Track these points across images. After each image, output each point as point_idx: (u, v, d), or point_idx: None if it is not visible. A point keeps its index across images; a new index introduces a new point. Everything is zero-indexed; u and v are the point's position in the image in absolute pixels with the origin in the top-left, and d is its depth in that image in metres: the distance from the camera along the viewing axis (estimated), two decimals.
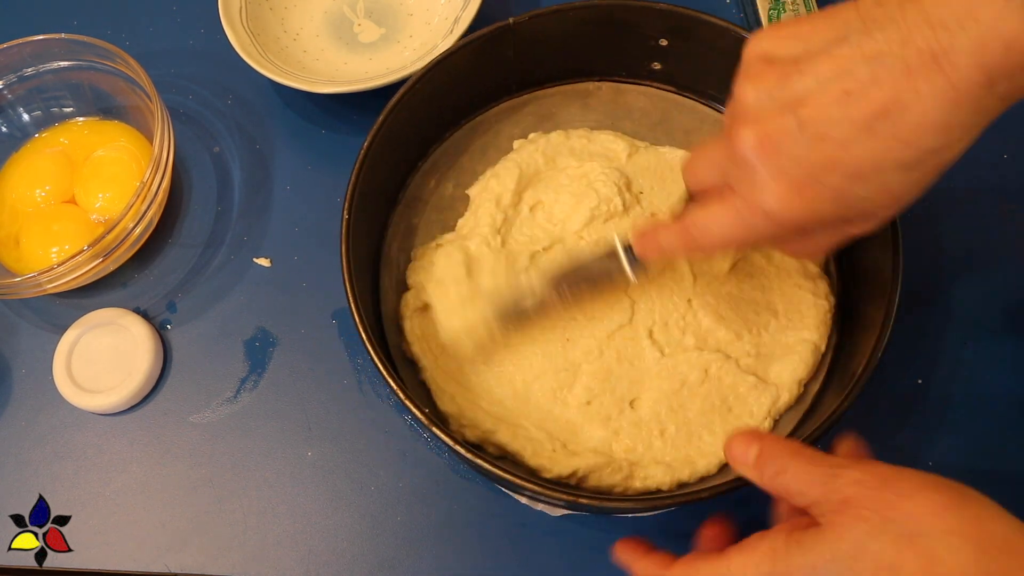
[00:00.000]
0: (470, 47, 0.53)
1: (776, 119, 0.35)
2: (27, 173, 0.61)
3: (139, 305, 0.59)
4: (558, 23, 0.54)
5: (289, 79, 0.60)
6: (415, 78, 0.52)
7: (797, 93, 0.35)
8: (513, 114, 0.59)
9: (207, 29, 0.68)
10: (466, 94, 0.58)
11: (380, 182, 0.54)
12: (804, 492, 0.35)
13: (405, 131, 0.54)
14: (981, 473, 0.52)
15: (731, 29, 0.52)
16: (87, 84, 0.62)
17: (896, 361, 0.55)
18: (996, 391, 0.54)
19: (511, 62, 0.56)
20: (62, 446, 0.56)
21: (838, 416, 0.45)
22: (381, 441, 0.54)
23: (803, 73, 0.35)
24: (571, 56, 0.58)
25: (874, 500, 0.32)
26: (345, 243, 0.48)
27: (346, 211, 0.49)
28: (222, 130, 0.65)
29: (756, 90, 0.36)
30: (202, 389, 0.57)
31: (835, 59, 0.34)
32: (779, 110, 0.35)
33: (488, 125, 0.59)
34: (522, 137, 0.58)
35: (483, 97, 0.59)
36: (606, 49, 0.57)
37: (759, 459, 0.37)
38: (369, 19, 0.69)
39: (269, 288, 0.59)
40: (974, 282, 0.57)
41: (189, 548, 0.53)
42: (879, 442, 0.53)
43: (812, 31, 0.35)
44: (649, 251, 0.46)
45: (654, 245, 0.44)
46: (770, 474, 0.36)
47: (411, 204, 0.58)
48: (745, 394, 0.50)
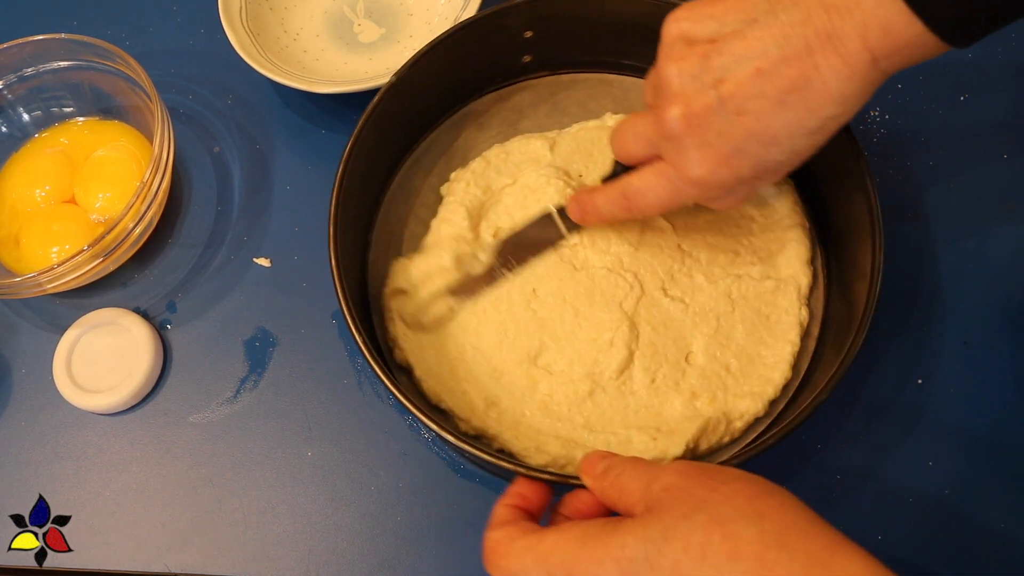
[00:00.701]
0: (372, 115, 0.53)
1: (699, 97, 0.39)
2: (27, 173, 0.61)
3: (139, 305, 0.59)
4: (435, 61, 0.54)
5: (289, 79, 0.60)
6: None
7: (716, 72, 0.39)
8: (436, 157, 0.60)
9: (207, 29, 0.68)
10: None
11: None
12: (633, 490, 0.36)
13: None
14: (981, 473, 0.52)
15: None
16: (87, 84, 0.62)
17: (896, 361, 0.55)
18: (995, 391, 0.54)
19: (398, 115, 0.56)
20: (62, 446, 0.56)
21: (838, 379, 0.45)
22: (381, 441, 0.54)
23: (720, 53, 0.39)
24: (455, 85, 0.59)
25: (688, 491, 0.34)
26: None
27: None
28: (222, 130, 0.65)
29: (679, 70, 0.40)
30: (202, 389, 0.57)
31: (747, 40, 0.38)
32: (701, 88, 0.39)
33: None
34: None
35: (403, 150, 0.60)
36: (479, 65, 0.58)
37: (606, 469, 0.39)
38: (369, 19, 0.69)
39: (269, 288, 0.59)
40: (974, 282, 0.57)
41: (189, 548, 0.53)
42: (879, 442, 0.53)
43: (725, 11, 0.39)
44: (588, 216, 0.50)
45: (592, 210, 0.49)
46: (611, 478, 0.38)
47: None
48: (772, 298, 0.53)
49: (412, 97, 0.55)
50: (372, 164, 0.55)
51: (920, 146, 0.61)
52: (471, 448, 0.44)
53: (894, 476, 0.52)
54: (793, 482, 0.52)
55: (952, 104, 0.62)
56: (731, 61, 0.38)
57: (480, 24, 0.55)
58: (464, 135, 0.60)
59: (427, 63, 0.54)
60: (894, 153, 0.61)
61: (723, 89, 0.39)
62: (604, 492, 0.39)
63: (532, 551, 0.36)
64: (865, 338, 0.46)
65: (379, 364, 0.46)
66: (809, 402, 0.44)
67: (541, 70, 0.61)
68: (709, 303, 0.52)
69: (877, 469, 0.52)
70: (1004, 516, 0.51)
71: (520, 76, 0.61)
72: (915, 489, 0.52)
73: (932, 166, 0.61)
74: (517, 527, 0.38)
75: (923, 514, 0.51)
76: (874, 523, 0.51)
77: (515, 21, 0.56)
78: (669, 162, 0.43)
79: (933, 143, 0.61)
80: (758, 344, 0.52)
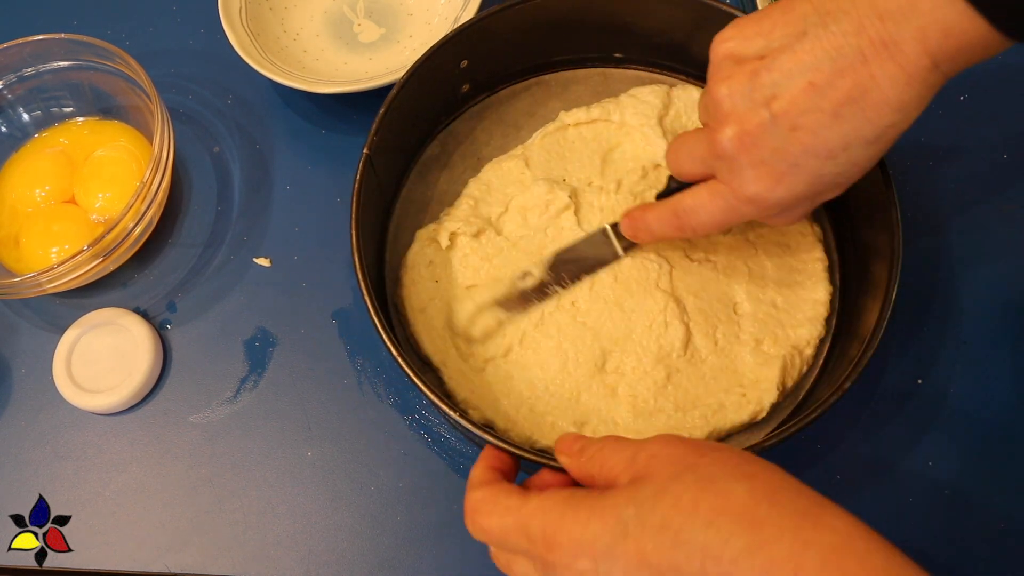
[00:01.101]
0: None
1: (751, 116, 0.39)
2: (27, 173, 0.61)
3: (139, 305, 0.59)
4: (396, 120, 0.54)
5: (289, 79, 0.60)
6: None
7: (768, 90, 0.38)
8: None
9: (207, 29, 0.68)
10: None
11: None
12: (616, 462, 0.37)
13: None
14: (980, 473, 0.52)
15: (521, 4, 0.55)
16: (87, 84, 0.62)
17: (896, 361, 0.55)
18: (995, 391, 0.54)
19: (372, 188, 0.55)
20: (62, 446, 0.56)
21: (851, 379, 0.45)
22: (381, 441, 0.54)
23: (770, 70, 0.38)
24: (409, 139, 0.59)
25: (676, 456, 0.35)
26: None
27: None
28: (222, 130, 0.65)
29: (730, 90, 0.39)
30: (202, 389, 0.57)
31: (797, 54, 0.37)
32: (752, 107, 0.39)
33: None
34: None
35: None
36: (427, 109, 0.58)
37: (583, 447, 0.39)
38: (369, 19, 0.69)
39: (269, 288, 0.59)
40: (974, 282, 0.57)
41: (189, 548, 0.53)
42: (879, 441, 0.53)
43: (772, 26, 0.38)
44: (640, 234, 0.50)
45: (644, 228, 0.49)
46: (590, 454, 0.38)
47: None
48: (785, 227, 0.54)
49: (384, 169, 0.54)
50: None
51: (919, 146, 0.61)
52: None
53: (894, 476, 0.52)
54: None
55: (952, 104, 0.62)
56: (781, 77, 0.38)
57: (422, 69, 0.53)
58: (435, 182, 0.60)
59: (389, 124, 0.53)
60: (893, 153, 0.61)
61: (775, 106, 0.38)
62: (582, 468, 0.39)
63: (514, 513, 0.37)
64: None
65: (405, 362, 0.46)
66: (832, 392, 0.45)
67: (479, 94, 0.61)
68: (733, 253, 0.53)
69: (877, 469, 0.52)
70: (1004, 516, 0.51)
71: (462, 106, 0.61)
72: (915, 489, 0.52)
73: (931, 166, 0.61)
74: (499, 487, 0.39)
75: (923, 514, 0.51)
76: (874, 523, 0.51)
77: (450, 54, 0.55)
78: (723, 181, 0.42)
79: (933, 144, 0.61)
80: (791, 272, 0.53)
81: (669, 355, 0.51)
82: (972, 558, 0.50)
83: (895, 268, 0.47)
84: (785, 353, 0.51)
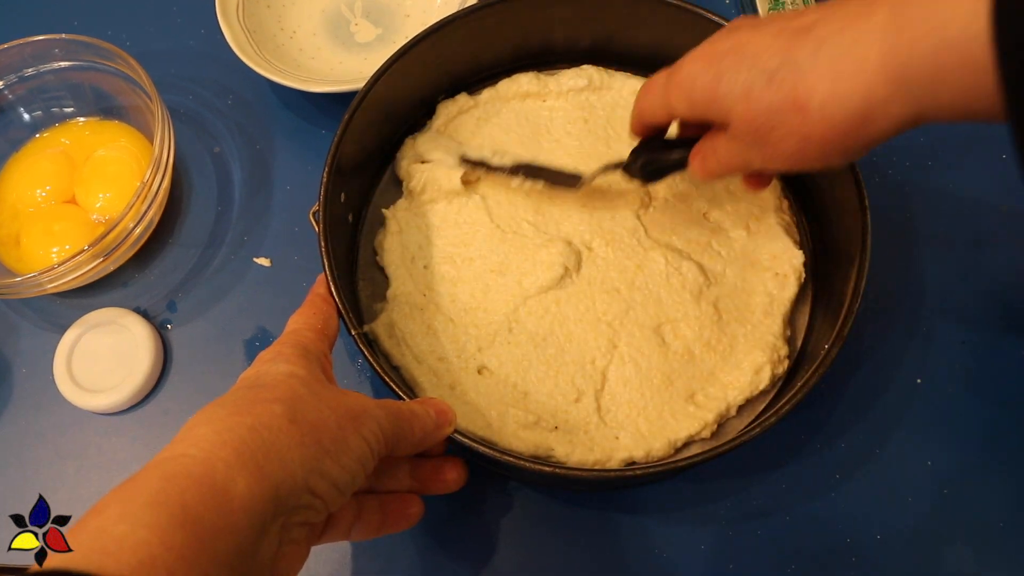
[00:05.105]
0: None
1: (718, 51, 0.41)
2: (28, 173, 0.61)
3: (139, 305, 0.59)
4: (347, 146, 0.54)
5: (283, 77, 0.60)
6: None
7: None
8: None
9: (207, 29, 0.68)
10: None
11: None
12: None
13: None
14: (979, 472, 0.52)
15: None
16: (87, 84, 0.62)
17: (896, 361, 0.55)
18: (994, 391, 0.54)
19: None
20: (62, 446, 0.56)
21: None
22: None
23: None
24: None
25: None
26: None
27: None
28: (222, 130, 0.65)
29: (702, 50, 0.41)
30: (202, 389, 0.57)
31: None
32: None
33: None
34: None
35: None
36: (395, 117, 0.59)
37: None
38: (366, 19, 0.69)
39: (269, 288, 0.59)
40: (973, 283, 0.57)
41: None
42: (878, 441, 0.53)
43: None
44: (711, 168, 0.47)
45: (714, 161, 0.46)
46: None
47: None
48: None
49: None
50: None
51: (919, 147, 0.61)
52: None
53: (893, 475, 0.52)
54: (792, 481, 0.53)
55: None
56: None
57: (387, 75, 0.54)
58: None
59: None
60: (892, 154, 0.61)
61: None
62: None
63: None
64: (864, 337, 0.46)
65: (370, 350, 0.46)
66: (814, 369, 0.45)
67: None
68: (696, 246, 0.55)
69: (876, 468, 0.52)
70: (1003, 516, 0.51)
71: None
72: (914, 488, 0.52)
73: (931, 167, 0.61)
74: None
75: (922, 513, 0.51)
76: (873, 521, 0.51)
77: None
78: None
79: (932, 144, 0.61)
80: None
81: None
82: (971, 557, 0.50)
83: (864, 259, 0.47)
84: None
